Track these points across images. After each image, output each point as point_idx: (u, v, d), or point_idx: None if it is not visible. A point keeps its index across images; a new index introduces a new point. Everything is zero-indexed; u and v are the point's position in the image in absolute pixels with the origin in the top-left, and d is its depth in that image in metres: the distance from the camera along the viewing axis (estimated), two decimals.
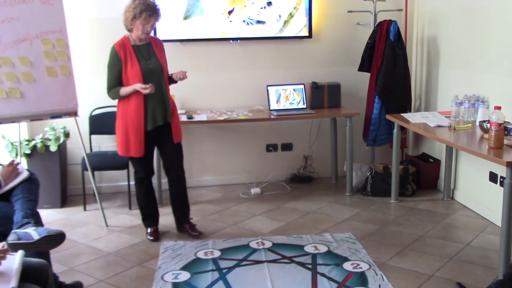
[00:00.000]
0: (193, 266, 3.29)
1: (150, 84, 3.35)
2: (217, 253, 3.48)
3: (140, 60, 3.38)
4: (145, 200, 3.74)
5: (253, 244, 3.63)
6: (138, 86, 3.33)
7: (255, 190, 4.91)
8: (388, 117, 4.46)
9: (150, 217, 3.79)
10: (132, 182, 4.81)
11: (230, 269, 3.23)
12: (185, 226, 3.80)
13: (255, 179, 5.17)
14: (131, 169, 4.70)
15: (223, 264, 3.31)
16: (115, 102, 4.04)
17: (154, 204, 3.81)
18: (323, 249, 3.50)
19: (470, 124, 3.82)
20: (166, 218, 4.23)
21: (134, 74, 3.35)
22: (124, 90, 3.40)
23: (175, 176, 3.73)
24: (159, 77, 3.48)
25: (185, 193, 3.79)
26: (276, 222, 4.11)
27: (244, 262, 3.33)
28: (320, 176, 5.35)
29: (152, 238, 3.70)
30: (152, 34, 3.62)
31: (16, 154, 4.27)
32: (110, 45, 3.75)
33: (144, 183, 3.69)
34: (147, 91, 3.34)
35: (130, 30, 3.40)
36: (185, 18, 4.71)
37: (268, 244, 3.62)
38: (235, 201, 4.69)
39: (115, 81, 3.39)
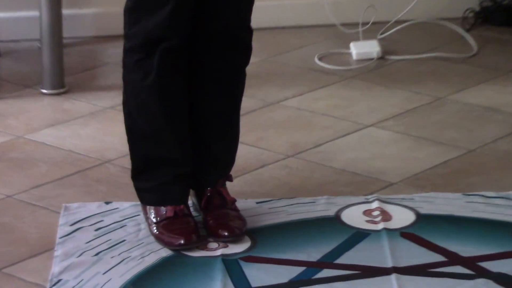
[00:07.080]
0: (168, 274, 2.55)
1: None
2: (237, 246, 2.70)
3: None
4: (153, 111, 2.81)
5: (356, 216, 2.84)
6: None
7: (365, 49, 4.10)
8: None
9: (161, 169, 2.88)
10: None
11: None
12: (208, 196, 2.83)
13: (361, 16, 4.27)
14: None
15: (257, 274, 2.53)
16: None
17: (184, 125, 2.88)
18: None
19: None
20: (80, 141, 3.51)
21: None
22: None
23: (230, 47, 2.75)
24: None
25: (237, 108, 2.95)
26: (425, 148, 3.37)
27: (322, 273, 2.49)
28: None
29: (181, 241, 2.77)
30: None
31: None
32: None
33: (154, 57, 2.69)
34: None
35: None
36: None
37: (397, 222, 2.85)
38: (303, 81, 3.89)
39: None
